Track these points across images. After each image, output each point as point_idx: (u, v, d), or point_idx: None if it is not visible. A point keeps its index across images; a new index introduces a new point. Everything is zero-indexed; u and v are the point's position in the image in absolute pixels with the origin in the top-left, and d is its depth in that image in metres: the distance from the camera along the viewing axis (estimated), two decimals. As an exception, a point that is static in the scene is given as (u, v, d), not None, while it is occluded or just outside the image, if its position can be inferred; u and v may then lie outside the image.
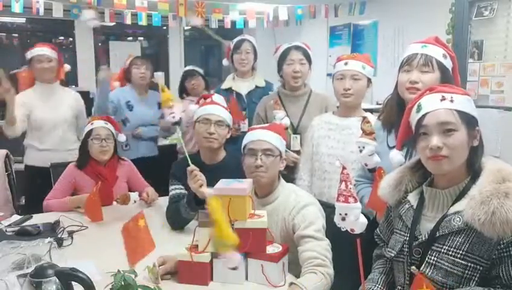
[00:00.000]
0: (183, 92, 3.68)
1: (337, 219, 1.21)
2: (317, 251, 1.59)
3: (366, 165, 1.68)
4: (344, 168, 1.20)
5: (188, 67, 3.81)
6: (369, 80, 2.13)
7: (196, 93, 3.56)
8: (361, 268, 1.19)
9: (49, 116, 2.91)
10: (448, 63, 1.62)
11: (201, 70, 3.69)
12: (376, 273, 1.45)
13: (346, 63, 2.10)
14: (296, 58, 2.53)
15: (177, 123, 2.08)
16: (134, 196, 2.57)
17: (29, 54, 2.92)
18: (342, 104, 2.21)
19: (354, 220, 1.18)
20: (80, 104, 3.10)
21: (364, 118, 1.68)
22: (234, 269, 1.48)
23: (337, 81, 2.12)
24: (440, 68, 1.60)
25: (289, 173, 2.27)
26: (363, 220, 1.20)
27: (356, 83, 2.08)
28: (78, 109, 3.08)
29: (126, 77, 3.34)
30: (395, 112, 1.70)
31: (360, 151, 1.64)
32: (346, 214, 1.18)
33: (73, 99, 3.07)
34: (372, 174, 1.72)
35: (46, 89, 2.96)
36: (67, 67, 3.21)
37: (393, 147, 1.65)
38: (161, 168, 2.70)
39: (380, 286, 1.40)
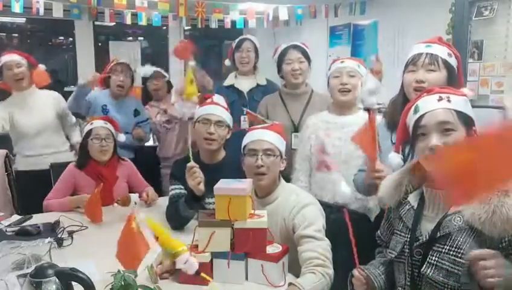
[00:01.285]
0: (147, 97, 3.51)
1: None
2: (318, 251, 1.59)
3: (362, 101, 1.67)
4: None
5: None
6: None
7: (158, 96, 3.44)
8: (353, 240, 1.21)
9: (30, 122, 2.89)
10: (453, 62, 1.62)
11: (165, 73, 3.53)
12: (377, 261, 1.46)
13: (342, 62, 2.17)
14: (295, 58, 2.55)
15: (191, 118, 2.04)
16: (134, 197, 2.56)
17: None
18: (337, 103, 2.21)
19: None
20: (61, 102, 3.06)
21: (376, 56, 1.67)
22: (197, 273, 1.42)
23: (334, 79, 2.16)
24: (446, 66, 1.59)
25: (287, 174, 2.27)
26: (345, 189, 1.20)
27: (352, 79, 2.12)
28: (61, 107, 3.04)
29: (105, 82, 3.20)
30: (399, 111, 1.70)
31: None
32: None
33: (53, 99, 3.04)
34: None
35: (23, 96, 2.92)
36: (41, 67, 3.04)
37: None
38: (140, 170, 2.71)
39: (379, 271, 1.40)
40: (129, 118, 3.17)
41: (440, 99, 1.24)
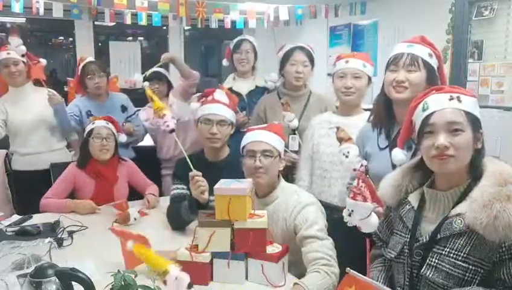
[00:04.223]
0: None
1: (345, 213, 1.21)
2: (322, 251, 1.59)
3: (354, 170, 1.66)
4: (361, 165, 1.19)
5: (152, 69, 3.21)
6: (369, 79, 2.14)
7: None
8: (368, 267, 1.18)
9: (25, 119, 2.83)
10: (434, 62, 1.65)
11: (167, 74, 3.38)
12: (375, 272, 1.45)
13: (347, 61, 2.11)
14: (300, 60, 2.55)
15: (173, 131, 2.06)
16: (133, 213, 2.26)
17: None
18: (342, 103, 2.20)
19: (359, 219, 1.18)
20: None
21: (337, 128, 1.67)
22: (190, 286, 1.35)
23: (338, 79, 2.13)
24: (426, 67, 1.62)
25: (288, 173, 2.26)
26: (373, 221, 1.19)
27: (357, 81, 2.10)
28: None
29: (82, 87, 3.02)
30: (382, 110, 1.73)
31: (346, 157, 1.62)
32: (352, 211, 1.19)
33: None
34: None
35: (18, 92, 2.88)
36: (43, 62, 2.95)
37: (384, 148, 1.66)
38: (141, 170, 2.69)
39: (382, 281, 1.40)
40: (117, 115, 2.97)
41: (451, 98, 1.23)
